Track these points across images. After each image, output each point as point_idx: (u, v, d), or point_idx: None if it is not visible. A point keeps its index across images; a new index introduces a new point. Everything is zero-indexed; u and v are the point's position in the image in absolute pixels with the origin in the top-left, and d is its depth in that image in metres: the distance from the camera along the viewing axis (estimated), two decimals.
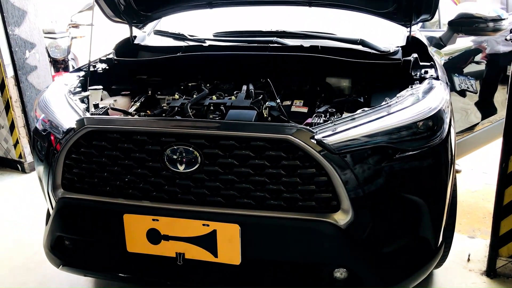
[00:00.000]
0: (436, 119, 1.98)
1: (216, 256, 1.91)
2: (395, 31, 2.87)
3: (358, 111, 1.99)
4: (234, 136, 1.85)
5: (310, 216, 1.85)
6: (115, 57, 2.79)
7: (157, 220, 1.93)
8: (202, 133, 1.87)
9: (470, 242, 3.01)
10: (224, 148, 1.86)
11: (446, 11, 3.39)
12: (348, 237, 1.86)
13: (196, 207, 1.93)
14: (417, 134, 1.93)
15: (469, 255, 2.82)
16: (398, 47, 2.66)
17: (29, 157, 4.25)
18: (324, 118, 2.06)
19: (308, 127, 1.84)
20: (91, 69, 2.70)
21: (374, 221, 1.90)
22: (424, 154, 1.94)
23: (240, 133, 1.85)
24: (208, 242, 1.90)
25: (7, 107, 4.12)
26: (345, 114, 2.13)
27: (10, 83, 4.04)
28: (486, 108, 3.76)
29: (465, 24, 3.00)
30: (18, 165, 4.30)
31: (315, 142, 1.80)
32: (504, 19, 2.95)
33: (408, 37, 2.72)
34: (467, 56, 3.55)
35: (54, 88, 2.47)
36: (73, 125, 2.01)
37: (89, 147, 2.00)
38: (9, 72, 4.02)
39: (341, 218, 1.84)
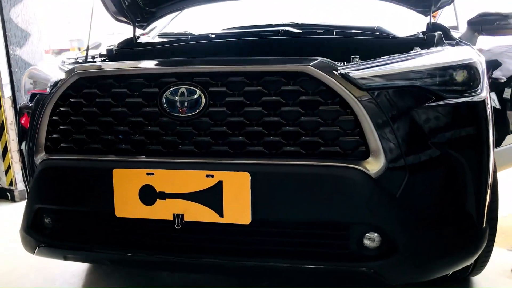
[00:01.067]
0: (471, 70, 1.75)
1: (221, 215, 1.59)
2: (413, 26, 2.73)
3: (384, 56, 1.76)
4: (244, 72, 1.60)
5: (335, 163, 1.56)
6: (116, 48, 2.63)
7: (152, 174, 1.63)
8: (208, 70, 1.63)
9: (511, 255, 2.64)
10: (232, 86, 1.61)
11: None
12: (380, 189, 1.55)
13: (199, 159, 1.64)
14: (452, 82, 1.69)
15: None
16: (418, 32, 2.50)
17: (20, 184, 3.96)
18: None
19: (330, 60, 1.61)
20: (89, 60, 2.52)
21: (409, 174, 1.59)
22: (462, 107, 1.70)
23: (252, 66, 1.61)
24: (212, 197, 1.59)
25: (1, 130, 3.91)
26: None
27: (7, 103, 3.86)
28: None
29: (485, 22, 2.86)
30: (7, 193, 3.99)
31: (339, 75, 1.55)
32: None
33: (428, 23, 2.56)
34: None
35: (47, 61, 2.27)
36: (62, 77, 1.79)
37: (78, 97, 1.75)
38: (7, 92, 3.85)
39: (372, 166, 1.55)
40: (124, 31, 3.25)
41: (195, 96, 1.62)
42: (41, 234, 1.88)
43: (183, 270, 2.00)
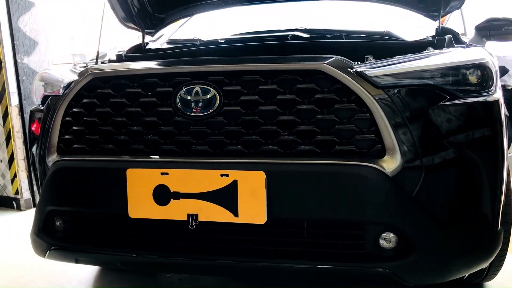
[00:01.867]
0: (484, 70, 1.75)
1: (236, 215, 1.58)
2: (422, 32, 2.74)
3: (397, 56, 1.76)
4: (259, 70, 1.60)
5: (351, 161, 1.55)
6: (126, 53, 2.64)
7: (167, 173, 1.62)
8: (222, 69, 1.63)
9: None
10: (247, 85, 1.61)
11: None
12: (397, 188, 1.54)
13: (214, 158, 1.63)
14: (465, 81, 1.69)
15: None
16: (427, 36, 2.50)
17: (26, 193, 3.95)
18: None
19: (345, 58, 1.61)
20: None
21: (425, 173, 1.58)
22: (476, 106, 1.69)
23: (267, 64, 1.60)
24: (227, 197, 1.58)
25: (8, 138, 3.91)
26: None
27: (14, 112, 3.87)
28: None
29: (493, 27, 2.86)
30: (13, 202, 3.98)
31: (354, 73, 1.55)
32: None
33: (437, 28, 2.56)
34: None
35: (58, 66, 2.27)
36: (75, 78, 1.79)
37: (92, 97, 1.75)
38: (14, 100, 3.86)
39: (388, 164, 1.54)
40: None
41: (209, 96, 1.62)
42: (52, 237, 1.86)
43: (197, 272, 1.98)
